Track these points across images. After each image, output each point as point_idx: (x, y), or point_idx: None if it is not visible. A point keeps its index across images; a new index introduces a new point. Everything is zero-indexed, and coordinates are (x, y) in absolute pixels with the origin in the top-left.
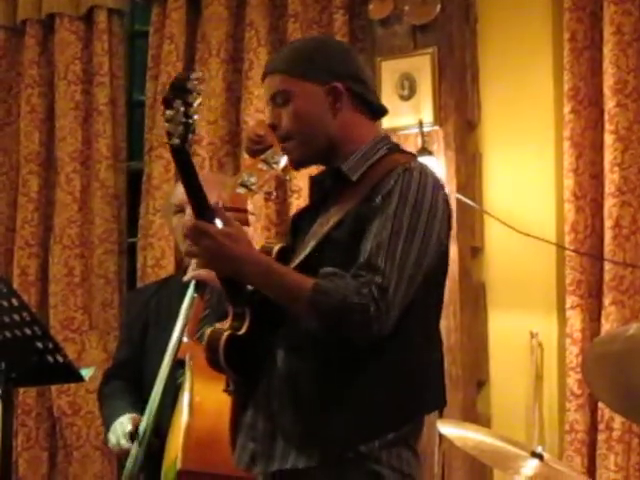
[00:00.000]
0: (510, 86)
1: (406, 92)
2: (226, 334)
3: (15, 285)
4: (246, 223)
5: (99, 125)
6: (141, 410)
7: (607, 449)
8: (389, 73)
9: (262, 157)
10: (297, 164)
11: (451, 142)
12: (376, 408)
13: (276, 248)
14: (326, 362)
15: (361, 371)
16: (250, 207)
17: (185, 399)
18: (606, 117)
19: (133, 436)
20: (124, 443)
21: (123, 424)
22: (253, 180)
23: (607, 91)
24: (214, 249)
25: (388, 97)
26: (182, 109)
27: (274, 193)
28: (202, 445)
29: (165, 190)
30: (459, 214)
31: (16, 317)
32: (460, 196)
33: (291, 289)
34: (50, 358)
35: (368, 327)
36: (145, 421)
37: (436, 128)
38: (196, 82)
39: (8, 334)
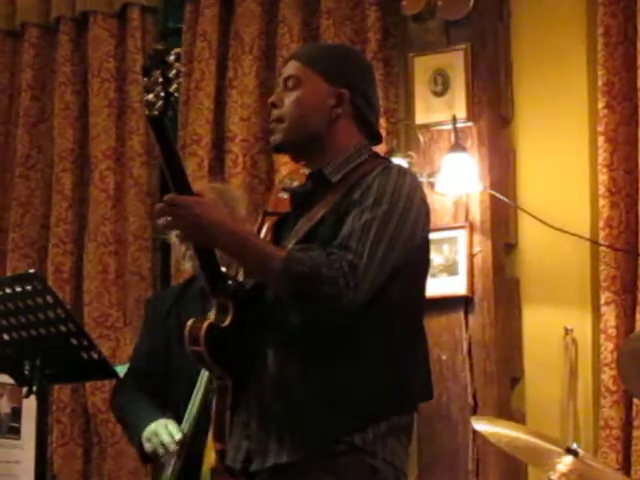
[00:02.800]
0: (544, 81)
1: (439, 88)
2: (206, 323)
3: (50, 282)
4: None
5: (132, 122)
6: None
7: None
8: (422, 69)
9: (304, 162)
10: (277, 146)
11: (484, 138)
12: (363, 399)
13: None
14: (313, 355)
15: (347, 363)
16: None
17: None
18: None
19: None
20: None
21: (165, 428)
22: (295, 185)
23: None
24: (190, 218)
25: (421, 93)
26: (161, 81)
27: None
28: None
29: (198, 186)
30: (493, 210)
31: (51, 314)
32: (494, 192)
33: (265, 257)
34: (85, 355)
35: (336, 300)
36: (185, 430)
37: (469, 124)
38: (174, 57)
39: (43, 331)
